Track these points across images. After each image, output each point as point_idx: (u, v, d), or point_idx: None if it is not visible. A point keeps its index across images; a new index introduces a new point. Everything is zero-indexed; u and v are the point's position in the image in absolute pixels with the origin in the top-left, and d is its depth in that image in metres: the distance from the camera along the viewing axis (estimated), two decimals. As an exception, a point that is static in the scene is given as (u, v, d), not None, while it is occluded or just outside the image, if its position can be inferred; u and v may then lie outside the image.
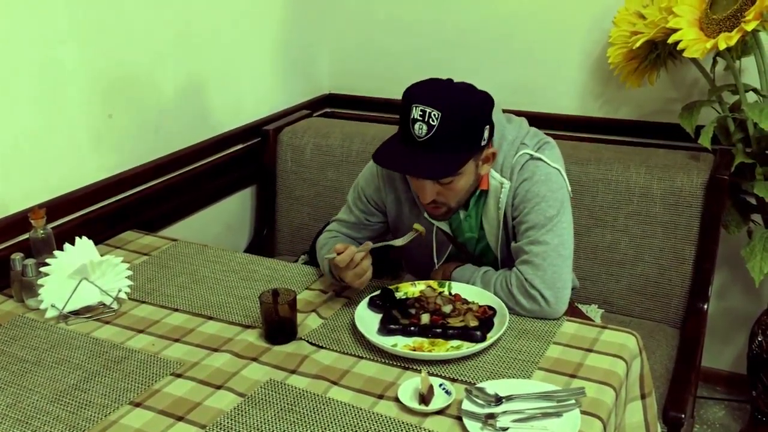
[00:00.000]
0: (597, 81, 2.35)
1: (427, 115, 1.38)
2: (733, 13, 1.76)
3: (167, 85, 2.08)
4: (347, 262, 1.47)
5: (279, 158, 2.42)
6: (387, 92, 2.66)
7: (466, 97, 1.43)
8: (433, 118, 1.37)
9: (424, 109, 1.38)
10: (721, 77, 2.08)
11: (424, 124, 1.38)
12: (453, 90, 1.43)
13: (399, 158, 1.44)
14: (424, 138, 1.39)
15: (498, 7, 2.41)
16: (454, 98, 1.40)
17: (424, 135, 1.39)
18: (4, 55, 1.62)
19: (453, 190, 1.49)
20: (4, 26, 1.61)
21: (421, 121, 1.38)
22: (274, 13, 2.47)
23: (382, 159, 1.47)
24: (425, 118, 1.38)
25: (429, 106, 1.38)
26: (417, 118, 1.39)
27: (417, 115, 1.39)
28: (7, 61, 1.63)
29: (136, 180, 2.00)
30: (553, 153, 1.57)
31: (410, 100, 1.41)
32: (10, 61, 1.64)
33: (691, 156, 2.03)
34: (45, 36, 1.70)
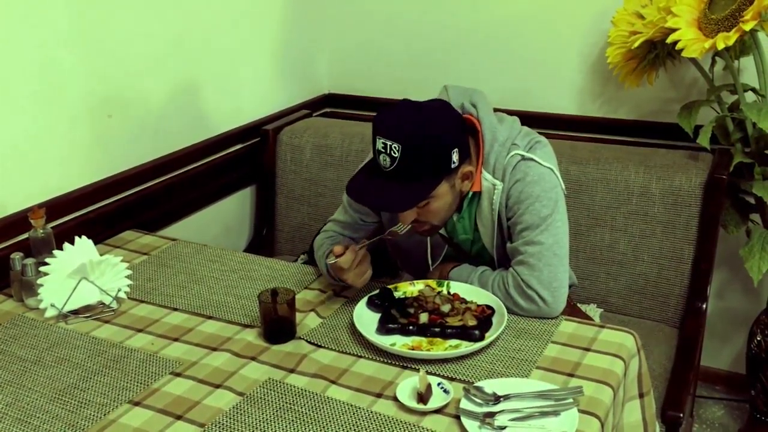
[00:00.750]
0: (596, 81, 2.35)
1: (388, 148, 1.39)
2: (731, 13, 1.76)
3: (167, 85, 2.08)
4: (350, 263, 1.48)
5: (278, 158, 2.43)
6: (386, 92, 2.66)
7: (428, 125, 1.41)
8: (394, 150, 1.38)
9: (385, 142, 1.39)
10: (720, 77, 2.09)
11: (387, 156, 1.40)
12: (416, 118, 1.42)
13: (369, 189, 1.47)
14: (389, 169, 1.41)
15: (497, 8, 2.41)
16: (416, 128, 1.40)
17: (389, 166, 1.40)
18: (3, 57, 1.63)
19: (432, 212, 1.50)
20: (3, 28, 1.61)
21: (384, 153, 1.40)
22: (274, 13, 2.48)
23: (354, 191, 1.49)
24: (387, 150, 1.39)
25: (389, 139, 1.39)
26: (380, 149, 1.41)
27: (380, 147, 1.40)
28: (7, 62, 1.63)
29: (135, 180, 2.01)
30: (545, 152, 1.56)
31: (375, 131, 1.42)
32: (10, 62, 1.64)
33: (689, 156, 2.03)
34: (44, 37, 1.71)
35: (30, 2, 1.66)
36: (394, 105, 1.46)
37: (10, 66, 1.64)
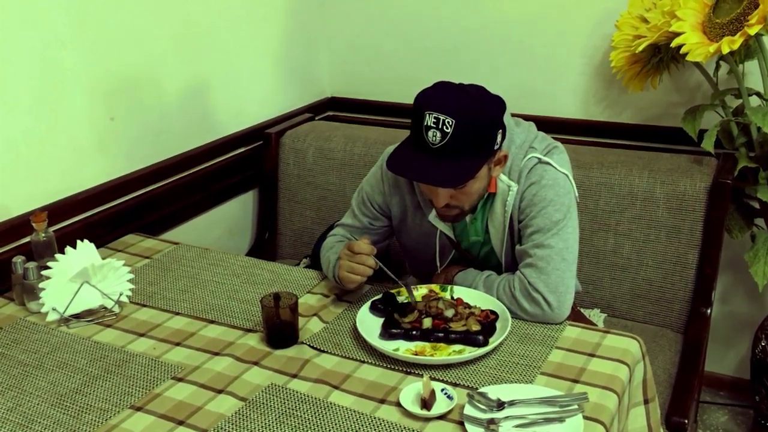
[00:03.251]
0: (600, 85, 2.34)
1: (441, 123, 1.37)
2: (736, 17, 1.75)
3: (169, 89, 2.08)
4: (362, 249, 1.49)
5: (281, 162, 2.42)
6: (389, 96, 2.66)
7: (479, 102, 1.42)
8: (447, 125, 1.37)
9: (438, 117, 1.37)
10: (724, 81, 2.08)
11: (438, 131, 1.37)
12: (465, 96, 1.41)
13: (413, 166, 1.43)
14: (438, 145, 1.38)
15: (500, 11, 2.41)
16: (468, 105, 1.39)
17: (438, 142, 1.38)
18: (5, 60, 1.62)
19: (467, 194, 1.49)
20: (5, 31, 1.61)
21: (434, 129, 1.38)
22: (276, 16, 2.47)
23: (396, 167, 1.46)
24: (439, 125, 1.37)
25: (442, 113, 1.37)
26: (430, 125, 1.38)
27: (430, 122, 1.38)
28: (8, 65, 1.63)
29: (138, 183, 2.00)
30: (562, 158, 1.57)
31: (423, 106, 1.39)
32: (12, 65, 1.64)
33: (694, 160, 2.03)
34: (46, 40, 1.71)
35: (32, 4, 1.65)
36: (435, 85, 1.45)
37: (12, 69, 1.64)
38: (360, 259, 1.50)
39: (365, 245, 1.50)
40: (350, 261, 1.51)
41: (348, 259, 1.52)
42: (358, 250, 1.50)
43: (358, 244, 1.50)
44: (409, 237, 1.71)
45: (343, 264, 1.53)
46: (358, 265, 1.50)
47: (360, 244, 1.50)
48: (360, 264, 1.50)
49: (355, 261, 1.51)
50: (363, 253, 1.50)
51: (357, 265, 1.50)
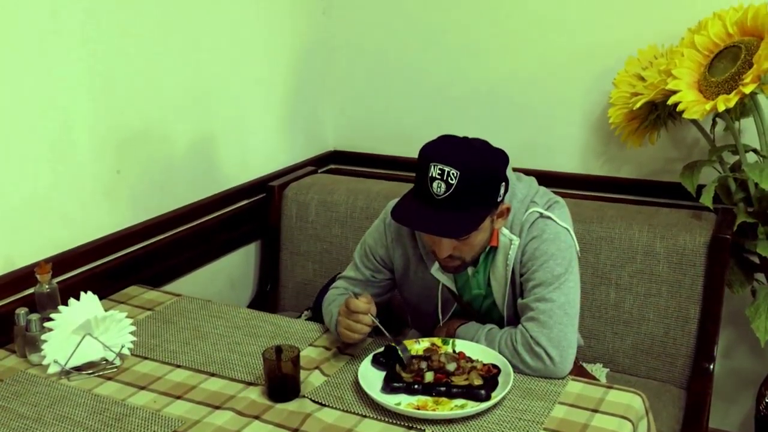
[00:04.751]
0: (599, 140, 2.38)
1: (445, 174, 1.39)
2: (731, 76, 1.79)
3: (175, 142, 2.11)
4: (358, 308, 1.49)
5: (284, 214, 2.44)
6: (391, 149, 2.70)
7: (483, 155, 1.45)
8: (452, 177, 1.39)
9: (443, 168, 1.39)
10: (721, 137, 2.11)
11: (442, 182, 1.40)
12: (470, 149, 1.44)
13: (418, 216, 1.45)
14: (442, 196, 1.40)
15: (501, 66, 2.46)
16: (472, 157, 1.42)
17: (443, 193, 1.40)
18: (17, 112, 1.66)
19: (469, 246, 1.50)
20: (16, 85, 1.65)
21: (439, 180, 1.40)
22: (281, 71, 2.53)
23: (401, 217, 1.49)
24: (443, 176, 1.39)
25: (447, 165, 1.39)
26: (435, 176, 1.40)
27: (435, 173, 1.40)
28: (20, 118, 1.66)
29: (142, 235, 2.02)
30: (563, 212, 1.59)
31: (428, 158, 1.42)
32: (22, 119, 1.67)
33: (693, 215, 2.05)
34: (56, 95, 1.74)
35: (43, 60, 1.70)
36: (440, 138, 1.48)
37: (23, 123, 1.67)
38: (357, 317, 1.51)
39: (362, 303, 1.50)
40: (347, 319, 1.52)
41: (345, 317, 1.53)
42: (354, 309, 1.50)
43: (354, 303, 1.51)
44: (411, 290, 1.72)
45: (341, 321, 1.54)
46: (355, 323, 1.51)
47: (357, 302, 1.51)
48: (357, 322, 1.51)
49: (351, 319, 1.51)
50: (360, 311, 1.50)
51: (354, 324, 1.51)
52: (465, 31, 2.49)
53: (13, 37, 1.62)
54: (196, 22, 2.12)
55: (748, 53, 1.78)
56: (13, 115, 1.65)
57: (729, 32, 1.87)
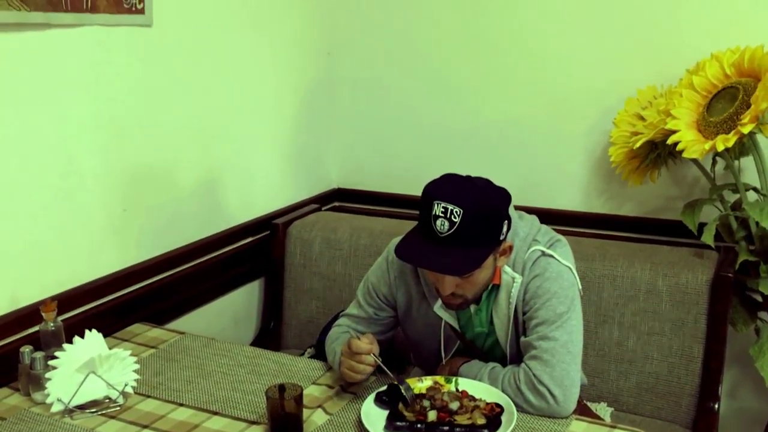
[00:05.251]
0: (600, 178, 2.40)
1: (449, 212, 1.41)
2: (729, 116, 1.82)
3: (181, 180, 2.14)
4: (360, 349, 1.50)
5: (288, 251, 2.45)
6: (394, 187, 2.72)
7: (485, 193, 1.47)
8: (455, 215, 1.41)
9: (446, 206, 1.41)
10: (722, 176, 2.13)
11: (446, 220, 1.42)
12: (473, 187, 1.47)
13: (422, 254, 1.47)
14: (446, 234, 1.42)
15: (502, 106, 2.50)
16: (475, 195, 1.44)
17: (446, 231, 1.42)
18: (25, 151, 1.68)
19: (472, 283, 1.51)
20: (26, 126, 1.68)
21: (443, 218, 1.42)
22: (286, 110, 2.57)
23: (405, 254, 1.50)
24: (447, 214, 1.41)
25: (451, 203, 1.41)
26: (439, 214, 1.42)
27: (439, 211, 1.42)
28: (28, 157, 1.69)
29: (147, 273, 2.03)
30: (565, 251, 1.60)
31: (431, 196, 1.44)
32: (32, 157, 1.70)
33: (695, 253, 2.05)
34: (65, 136, 1.77)
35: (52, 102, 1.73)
36: (443, 176, 1.50)
37: (31, 162, 1.69)
38: (359, 358, 1.51)
39: (365, 344, 1.51)
40: (350, 360, 1.53)
41: (348, 358, 1.53)
42: (357, 350, 1.51)
43: (357, 344, 1.51)
44: (414, 327, 1.72)
45: (344, 362, 1.55)
46: (358, 364, 1.52)
47: (359, 343, 1.51)
48: (360, 363, 1.51)
49: (354, 360, 1.52)
50: (362, 352, 1.51)
51: (357, 364, 1.52)
52: (467, 71, 2.53)
53: (22, 80, 1.66)
54: (203, 62, 2.16)
55: (746, 94, 1.80)
56: (21, 153, 1.67)
57: (726, 73, 1.90)
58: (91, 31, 1.78)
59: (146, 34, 1.94)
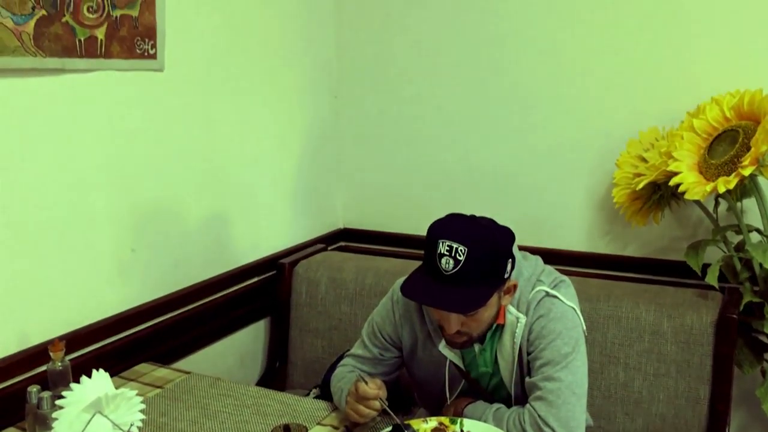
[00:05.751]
0: (604, 219, 2.42)
1: (453, 250, 1.43)
2: (730, 158, 1.84)
3: (189, 221, 2.16)
4: (367, 394, 1.50)
5: (294, 291, 2.47)
6: (400, 227, 2.74)
7: (490, 232, 1.49)
8: (460, 253, 1.43)
9: (451, 245, 1.43)
10: (725, 217, 2.14)
11: (450, 258, 1.43)
12: (477, 226, 1.49)
13: (427, 292, 1.48)
14: (450, 272, 1.44)
15: (506, 147, 2.53)
16: (480, 234, 1.46)
17: (451, 269, 1.44)
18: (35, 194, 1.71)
19: (477, 321, 1.52)
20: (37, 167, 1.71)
21: (447, 256, 1.44)
22: (293, 151, 2.60)
23: (411, 292, 1.52)
24: (452, 253, 1.43)
25: (456, 241, 1.43)
26: (444, 252, 1.44)
27: (444, 250, 1.44)
28: (38, 199, 1.72)
29: (153, 312, 2.05)
30: (569, 291, 1.61)
31: (436, 235, 1.46)
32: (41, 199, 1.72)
33: (699, 294, 2.06)
34: (76, 178, 1.80)
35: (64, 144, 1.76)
36: (448, 215, 1.53)
37: (41, 202, 1.72)
38: (366, 403, 1.52)
39: (372, 390, 1.52)
40: (356, 403, 1.53)
41: (354, 401, 1.54)
42: (364, 395, 1.52)
43: (364, 389, 1.52)
44: (419, 367, 1.72)
45: (350, 402, 1.55)
46: (363, 408, 1.52)
47: (366, 389, 1.52)
48: (366, 407, 1.52)
49: (361, 404, 1.52)
50: (369, 398, 1.52)
51: (362, 408, 1.53)
52: (472, 111, 2.57)
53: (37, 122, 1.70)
54: (211, 105, 2.21)
55: (746, 136, 1.83)
56: (33, 193, 1.70)
57: (726, 116, 1.93)
58: (104, 76, 1.83)
59: (157, 78, 1.99)
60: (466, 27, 2.53)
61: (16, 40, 1.59)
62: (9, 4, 1.57)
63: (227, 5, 2.22)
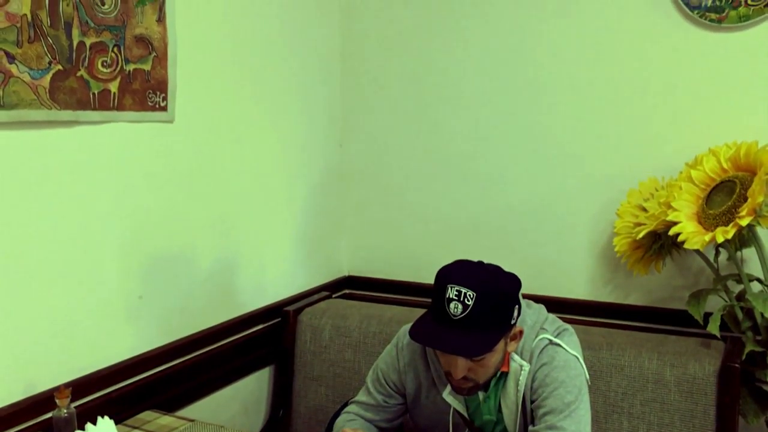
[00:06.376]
0: (606, 267, 2.43)
1: (462, 295, 1.46)
2: (727, 209, 1.87)
3: (196, 268, 2.19)
4: None
5: (298, 339, 2.48)
6: (405, 275, 2.76)
7: (497, 278, 1.52)
8: (468, 298, 1.45)
9: (460, 290, 1.46)
10: (725, 266, 2.16)
11: (459, 303, 1.46)
12: (485, 272, 1.52)
13: (435, 335, 1.50)
14: (459, 317, 1.46)
15: (510, 196, 2.57)
16: (487, 280, 1.49)
17: (460, 314, 1.46)
18: (49, 240, 1.74)
19: (484, 367, 1.54)
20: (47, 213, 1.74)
21: (456, 301, 1.46)
22: (299, 199, 2.65)
23: (419, 336, 1.53)
24: (460, 297, 1.46)
25: (464, 286, 1.46)
26: (452, 297, 1.46)
27: (452, 295, 1.46)
28: (48, 246, 1.75)
29: (159, 360, 2.06)
30: (572, 340, 1.63)
31: (445, 280, 1.49)
32: (55, 245, 1.76)
33: (702, 343, 2.06)
34: (89, 225, 1.84)
35: (76, 194, 1.80)
36: (456, 261, 1.56)
37: (51, 250, 1.75)
38: None
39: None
40: None
41: None
42: None
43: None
44: (422, 415, 1.73)
45: None
46: None
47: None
48: None
49: None
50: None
51: None
52: (476, 163, 2.61)
53: (50, 173, 1.74)
54: (219, 155, 2.25)
55: (743, 187, 1.86)
56: (44, 241, 1.73)
57: (723, 167, 1.96)
58: (116, 127, 1.88)
59: (168, 129, 2.04)
60: (468, 83, 2.59)
61: (33, 94, 1.65)
62: (27, 60, 1.63)
63: (237, 60, 2.29)
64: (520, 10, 2.47)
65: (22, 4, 1.61)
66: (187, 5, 2.06)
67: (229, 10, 2.25)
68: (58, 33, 1.70)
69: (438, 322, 1.50)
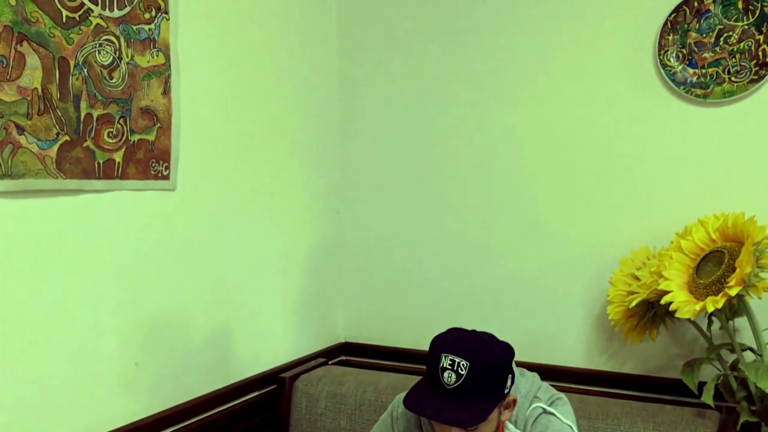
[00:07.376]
0: (601, 335, 2.45)
1: (456, 365, 1.47)
2: (717, 279, 1.90)
3: (192, 336, 2.20)
4: None
5: (294, 406, 2.47)
6: (400, 342, 2.77)
7: (491, 348, 1.53)
8: (462, 367, 1.46)
9: (453, 359, 1.47)
10: (718, 336, 2.17)
11: (453, 372, 1.47)
12: (479, 341, 1.53)
13: (429, 405, 1.51)
14: (453, 386, 1.47)
15: (504, 266, 2.60)
16: (481, 349, 1.50)
17: (453, 383, 1.47)
18: (47, 305, 1.76)
19: None
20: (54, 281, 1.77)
21: (450, 370, 1.47)
22: (296, 266, 2.67)
23: (413, 405, 1.54)
24: (454, 367, 1.47)
25: (458, 356, 1.47)
26: (446, 366, 1.48)
27: (446, 364, 1.48)
28: (48, 310, 1.76)
29: (153, 427, 2.04)
30: (566, 409, 1.63)
31: (439, 349, 1.51)
32: (52, 310, 1.77)
33: (697, 413, 2.06)
34: (89, 292, 1.86)
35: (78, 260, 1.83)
36: (450, 330, 1.57)
37: (50, 315, 1.77)
38: None
39: None
40: None
41: None
42: None
43: None
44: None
45: None
46: None
47: None
48: None
49: None
50: None
51: None
52: (471, 232, 2.65)
53: (55, 240, 1.78)
54: (219, 222, 2.30)
55: (731, 257, 1.90)
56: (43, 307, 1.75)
57: (712, 238, 2.00)
58: (120, 195, 1.93)
59: (170, 197, 2.09)
60: (463, 149, 2.66)
61: (40, 164, 1.70)
62: (36, 131, 1.69)
63: (238, 129, 2.36)
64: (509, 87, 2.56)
65: (33, 78, 1.68)
66: (192, 78, 2.14)
67: (234, 80, 2.33)
68: (67, 105, 1.76)
69: (432, 390, 1.51)
